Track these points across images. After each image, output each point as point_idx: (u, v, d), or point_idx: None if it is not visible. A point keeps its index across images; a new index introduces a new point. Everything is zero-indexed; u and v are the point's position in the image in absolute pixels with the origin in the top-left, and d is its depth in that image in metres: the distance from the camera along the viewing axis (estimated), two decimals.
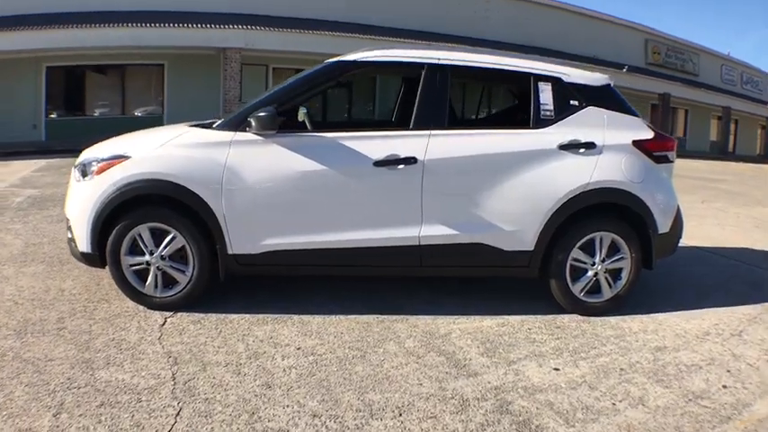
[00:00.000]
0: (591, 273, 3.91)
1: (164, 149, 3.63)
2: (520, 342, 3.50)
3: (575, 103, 3.91)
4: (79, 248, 3.69)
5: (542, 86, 3.89)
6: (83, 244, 3.65)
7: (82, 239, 3.64)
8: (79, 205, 3.67)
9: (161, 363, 3.00)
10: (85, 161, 3.78)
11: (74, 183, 3.83)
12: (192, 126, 3.91)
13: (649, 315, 4.04)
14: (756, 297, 4.57)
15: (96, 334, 3.31)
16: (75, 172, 3.83)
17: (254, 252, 3.64)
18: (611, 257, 3.92)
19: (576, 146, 3.82)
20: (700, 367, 3.27)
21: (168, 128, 4.14)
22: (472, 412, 2.67)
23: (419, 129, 3.75)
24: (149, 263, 3.63)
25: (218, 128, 3.74)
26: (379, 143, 3.69)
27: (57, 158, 12.24)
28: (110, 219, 3.57)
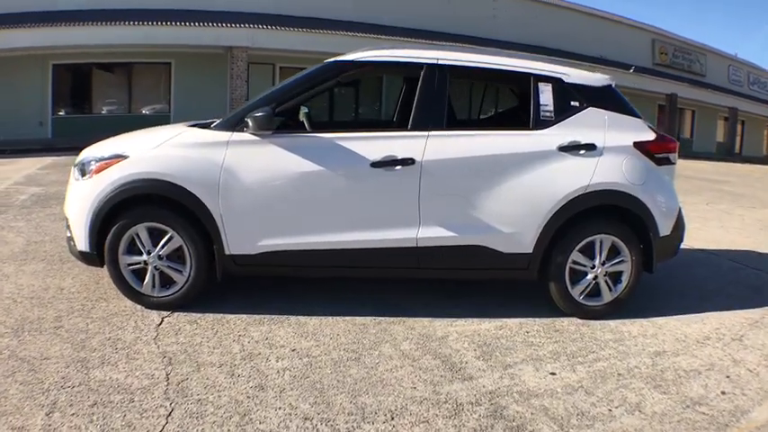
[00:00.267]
0: (590, 276, 3.88)
1: (161, 149, 3.64)
2: (517, 345, 3.47)
3: (575, 103, 3.88)
4: (78, 247, 3.70)
5: (542, 87, 3.86)
6: (81, 243, 3.66)
7: (80, 238, 3.65)
8: (78, 204, 3.68)
9: (155, 363, 3.00)
10: (84, 160, 3.79)
11: (73, 182, 3.84)
12: (191, 126, 3.91)
13: (649, 319, 4.00)
14: (758, 301, 4.52)
15: (93, 333, 3.32)
16: (75, 171, 3.84)
17: (252, 253, 3.63)
18: (611, 260, 3.89)
19: (577, 147, 3.79)
20: (699, 373, 3.23)
21: (166, 128, 4.15)
22: (465, 417, 2.65)
23: (417, 129, 3.73)
24: (147, 262, 3.63)
25: (215, 128, 3.74)
26: (377, 144, 3.67)
27: (63, 156, 12.27)
28: (108, 218, 3.58)
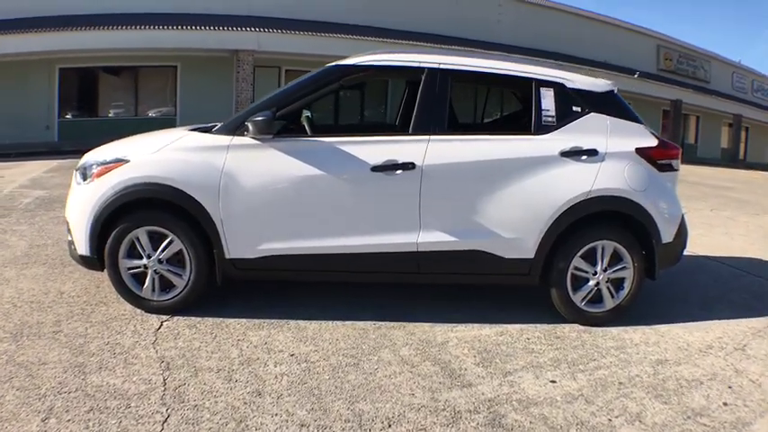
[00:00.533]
0: (592, 282, 3.86)
1: (162, 153, 3.64)
2: (517, 352, 3.45)
3: (577, 109, 3.86)
4: (78, 251, 3.70)
5: (544, 92, 3.84)
6: (82, 247, 3.65)
7: (81, 242, 3.65)
8: (78, 208, 3.68)
9: (153, 368, 2.98)
10: (86, 164, 3.80)
11: (75, 186, 3.84)
12: (192, 130, 3.91)
13: (652, 326, 3.97)
14: (762, 310, 4.48)
15: (92, 337, 3.31)
16: (77, 175, 3.85)
17: (252, 257, 3.62)
18: (613, 267, 3.86)
19: (578, 153, 3.77)
20: (701, 382, 3.19)
21: (168, 132, 4.15)
22: (463, 425, 2.63)
23: (418, 134, 3.72)
24: (147, 266, 3.63)
25: (216, 132, 3.75)
26: (378, 148, 3.66)
27: (68, 159, 12.30)
28: (108, 222, 3.57)
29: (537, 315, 4.00)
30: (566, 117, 3.83)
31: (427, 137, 3.69)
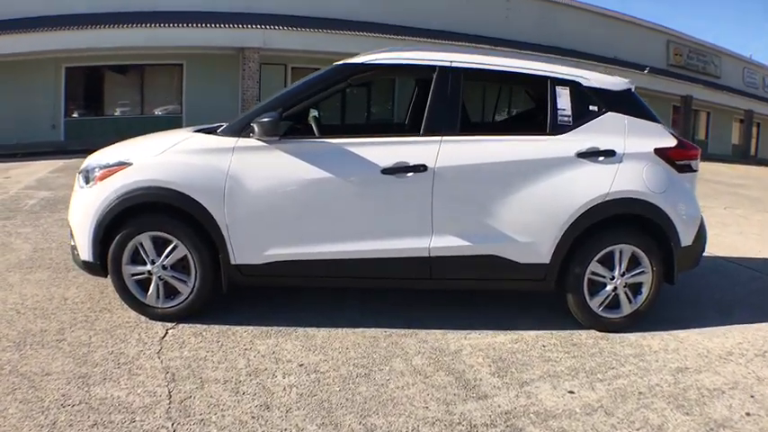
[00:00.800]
0: (610, 287, 3.74)
1: (165, 156, 3.54)
2: (534, 361, 3.34)
3: (594, 108, 3.74)
4: (81, 257, 3.61)
5: (560, 91, 3.72)
6: (84, 252, 3.57)
7: (84, 248, 3.57)
8: (81, 213, 3.59)
9: (158, 379, 2.90)
10: (88, 167, 3.71)
11: (77, 189, 3.75)
12: (196, 131, 3.81)
13: (670, 332, 3.85)
14: None
15: (95, 346, 3.23)
16: (80, 178, 3.76)
17: (258, 262, 3.53)
18: (630, 271, 3.74)
19: (595, 153, 3.64)
20: (722, 392, 3.09)
21: (171, 133, 4.05)
22: None
23: (430, 135, 3.60)
24: (151, 272, 3.54)
25: (220, 133, 3.64)
26: (388, 150, 3.55)
27: (74, 159, 12.27)
28: (111, 227, 3.48)
29: (552, 321, 3.89)
30: (582, 117, 3.71)
31: (439, 138, 3.57)
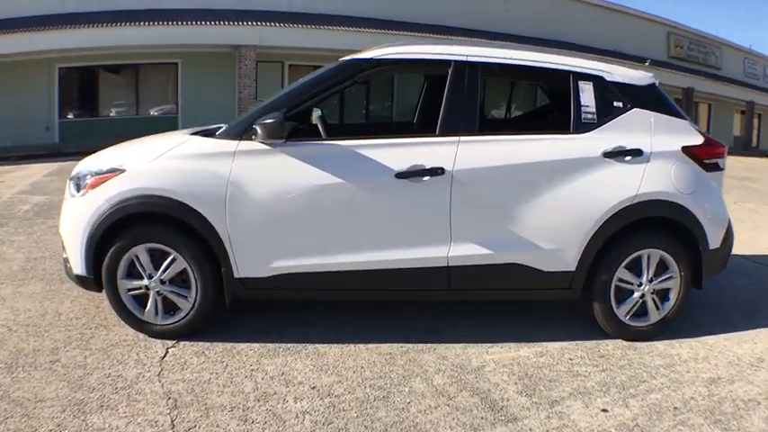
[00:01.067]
0: (637, 294, 3.52)
1: (160, 161, 3.28)
2: (562, 376, 3.11)
3: (618, 104, 3.51)
4: (74, 270, 3.37)
5: (583, 86, 3.48)
6: (77, 266, 3.33)
7: (76, 261, 3.33)
8: (72, 223, 3.35)
9: (159, 406, 2.67)
10: (79, 174, 3.46)
11: (68, 198, 3.50)
12: (194, 134, 3.57)
13: (697, 338, 3.66)
14: None
15: (91, 368, 3.00)
16: (70, 185, 3.51)
17: (263, 275, 3.28)
18: (658, 277, 3.53)
19: (622, 153, 3.42)
20: (758, 403, 2.90)
21: (167, 136, 3.79)
22: None
23: (446, 135, 3.35)
24: (148, 287, 3.29)
25: (220, 136, 3.38)
26: (402, 152, 3.31)
27: (69, 161, 12.00)
28: (105, 239, 3.24)
29: (575, 330, 3.68)
30: (607, 114, 3.48)
31: (457, 138, 3.32)
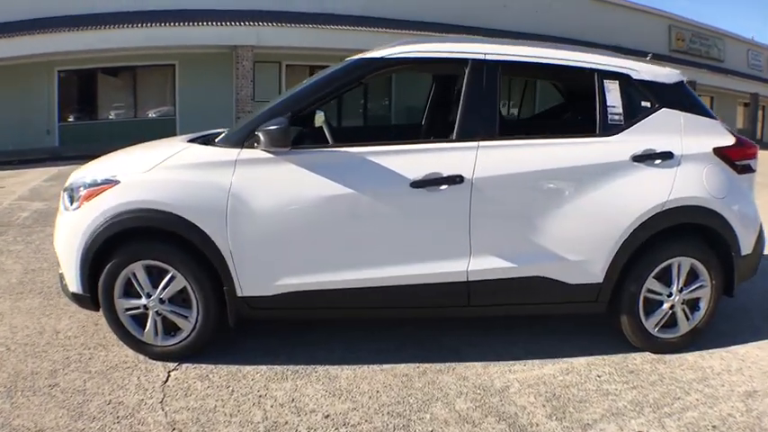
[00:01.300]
0: (667, 305, 3.32)
1: (156, 172, 3.06)
2: (591, 396, 2.91)
3: (646, 104, 3.29)
4: (69, 288, 3.17)
5: (609, 85, 3.26)
6: (73, 283, 3.13)
7: (71, 278, 3.13)
8: (66, 238, 3.15)
9: None
10: (73, 185, 3.25)
11: (62, 211, 3.29)
12: (192, 140, 3.35)
13: (727, 348, 3.47)
14: None
15: (91, 394, 2.81)
16: (65, 197, 3.29)
17: (268, 294, 3.06)
18: (689, 286, 3.33)
19: (652, 156, 3.20)
20: None
21: (164, 144, 3.57)
22: None
23: (465, 140, 3.13)
24: (147, 307, 3.09)
25: (220, 144, 3.17)
26: (417, 158, 3.09)
27: (69, 165, 11.86)
28: (100, 255, 3.03)
29: (598, 343, 3.48)
30: (634, 114, 3.27)
31: (476, 143, 3.10)
